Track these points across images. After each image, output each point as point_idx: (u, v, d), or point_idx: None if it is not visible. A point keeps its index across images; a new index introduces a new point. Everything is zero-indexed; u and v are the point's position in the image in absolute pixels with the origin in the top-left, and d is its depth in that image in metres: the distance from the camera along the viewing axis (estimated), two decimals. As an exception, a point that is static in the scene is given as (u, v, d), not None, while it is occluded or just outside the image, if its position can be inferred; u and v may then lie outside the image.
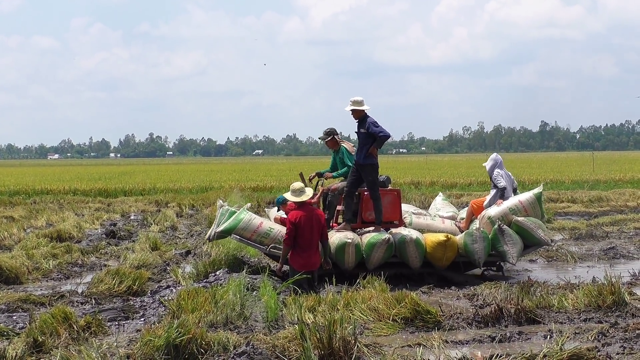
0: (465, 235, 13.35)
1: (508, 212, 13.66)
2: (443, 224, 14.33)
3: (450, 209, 15.54)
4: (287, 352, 7.91)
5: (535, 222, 13.63)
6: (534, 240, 13.61)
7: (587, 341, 8.56)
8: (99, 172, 69.71)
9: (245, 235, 13.26)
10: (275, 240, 13.11)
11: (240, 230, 13.25)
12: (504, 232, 13.27)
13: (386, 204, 13.60)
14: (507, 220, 13.55)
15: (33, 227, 21.93)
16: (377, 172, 13.54)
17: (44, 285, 13.41)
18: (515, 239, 13.35)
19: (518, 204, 13.79)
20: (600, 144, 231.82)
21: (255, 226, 13.26)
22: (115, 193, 37.57)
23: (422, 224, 14.12)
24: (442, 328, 9.29)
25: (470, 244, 13.13)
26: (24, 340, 8.42)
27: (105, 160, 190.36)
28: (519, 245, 13.37)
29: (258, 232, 13.20)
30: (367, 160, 13.30)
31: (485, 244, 13.14)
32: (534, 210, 13.83)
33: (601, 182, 39.16)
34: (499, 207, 13.76)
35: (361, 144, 13.43)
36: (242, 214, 13.42)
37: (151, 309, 10.82)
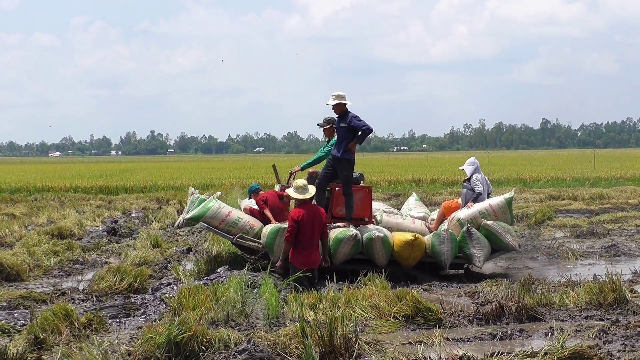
0: (433, 235, 13.32)
1: (478, 215, 13.61)
2: (413, 224, 14.25)
3: (422, 210, 15.51)
4: (288, 349, 7.91)
5: (504, 226, 13.57)
6: (502, 245, 13.54)
7: (589, 339, 8.57)
8: (100, 169, 69.69)
9: (213, 223, 13.31)
10: (242, 230, 13.18)
11: (208, 218, 13.31)
12: (472, 235, 13.21)
13: (357, 201, 13.55)
14: (476, 223, 13.49)
15: (34, 225, 21.93)
16: (352, 168, 13.53)
17: (45, 282, 13.42)
18: (483, 243, 13.29)
19: (488, 207, 13.75)
20: (601, 142, 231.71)
21: (224, 215, 13.32)
22: (116, 190, 37.55)
23: (392, 223, 14.04)
24: (443, 325, 9.29)
25: (438, 245, 13.09)
26: (25, 337, 8.43)
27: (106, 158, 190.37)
28: (486, 249, 13.30)
29: (226, 221, 13.27)
30: (345, 155, 13.27)
31: (453, 246, 13.10)
32: (503, 215, 13.80)
33: (602, 180, 39.16)
34: (469, 210, 13.72)
35: (340, 138, 13.39)
36: (211, 202, 13.47)
37: (152, 306, 10.82)
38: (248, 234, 13.26)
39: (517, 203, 27.29)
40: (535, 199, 29.15)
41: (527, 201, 28.45)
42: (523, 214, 23.36)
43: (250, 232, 13.29)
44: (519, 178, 41.07)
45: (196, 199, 13.85)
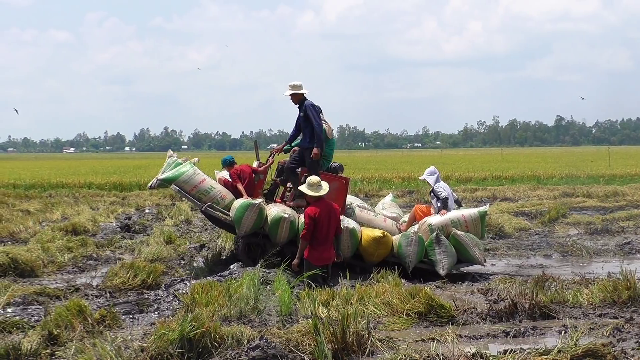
0: (401, 236, 13.28)
1: (449, 223, 13.53)
2: (384, 222, 14.17)
3: (395, 210, 15.40)
4: (301, 346, 7.91)
5: (473, 239, 13.48)
6: (468, 257, 13.43)
7: (602, 337, 8.53)
8: (114, 165, 69.93)
9: (185, 188, 13.38)
10: (213, 199, 13.28)
11: (181, 182, 13.37)
12: (440, 242, 13.14)
13: (332, 190, 13.50)
14: (446, 231, 13.41)
15: (48, 221, 22.00)
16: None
17: (59, 278, 13.46)
18: (450, 251, 13.20)
19: (461, 217, 13.67)
20: (616, 139, 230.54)
21: (197, 182, 13.41)
22: (130, 187, 37.61)
23: (363, 218, 13.96)
24: (456, 323, 9.28)
25: (405, 246, 13.05)
26: (39, 333, 8.45)
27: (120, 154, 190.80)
28: (451, 258, 13.19)
29: (199, 188, 13.38)
30: (311, 143, 13.32)
31: (419, 249, 13.05)
32: (474, 228, 13.71)
33: (617, 177, 38.97)
34: (442, 217, 13.63)
35: (303, 128, 13.50)
36: (186, 167, 13.52)
37: (165, 302, 10.84)
38: (218, 204, 13.30)
39: (530, 200, 27.31)
40: (549, 197, 29.05)
41: (541, 198, 28.37)
42: (537, 211, 23.32)
43: (220, 203, 13.34)
44: (532, 175, 40.95)
45: (173, 162, 13.80)
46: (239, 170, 13.86)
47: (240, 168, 13.96)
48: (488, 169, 46.01)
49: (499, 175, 40.77)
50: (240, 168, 13.96)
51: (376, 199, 25.66)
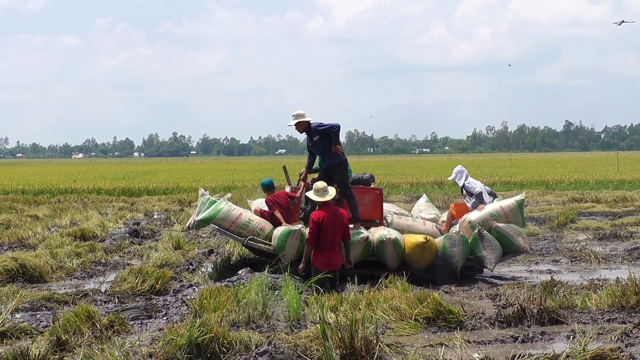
0: (444, 238, 13.27)
1: (489, 217, 13.55)
2: (424, 226, 14.20)
3: (432, 211, 15.42)
4: (309, 351, 7.92)
5: (515, 229, 13.50)
6: (513, 247, 13.46)
7: (611, 342, 8.52)
8: (122, 171, 70.05)
9: (223, 225, 13.29)
10: (253, 232, 13.18)
11: (219, 220, 13.28)
12: (483, 237, 13.15)
13: (367, 203, 13.53)
14: (487, 225, 13.43)
15: (57, 226, 22.05)
16: (345, 169, 13.48)
17: (67, 284, 13.50)
18: (495, 245, 13.22)
19: (499, 209, 13.69)
20: (625, 144, 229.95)
21: (235, 217, 13.30)
22: (138, 192, 37.71)
23: (402, 225, 13.99)
24: (464, 328, 9.28)
25: (449, 247, 13.04)
26: (47, 338, 8.47)
27: (129, 160, 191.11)
28: (497, 252, 13.23)
29: (237, 223, 13.24)
30: (335, 160, 13.28)
31: (464, 248, 13.03)
32: (514, 217, 13.73)
33: (626, 182, 38.87)
34: (480, 212, 13.66)
35: (321, 151, 13.42)
36: (222, 204, 13.45)
37: (174, 307, 10.86)
38: (259, 236, 13.24)
39: (539, 205, 27.23)
40: (557, 202, 28.98)
41: (550, 204, 28.31)
42: (546, 216, 23.28)
43: (261, 234, 13.27)
44: (541, 180, 40.88)
45: (206, 200, 13.79)
46: (276, 196, 13.74)
47: (277, 194, 13.84)
48: (497, 174, 45.93)
49: (508, 181, 40.71)
50: (276, 194, 13.84)
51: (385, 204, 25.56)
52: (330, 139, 13.27)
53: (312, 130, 13.37)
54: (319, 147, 13.40)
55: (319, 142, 13.37)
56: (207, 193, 14.18)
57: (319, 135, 13.33)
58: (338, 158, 13.28)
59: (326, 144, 13.30)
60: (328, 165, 13.34)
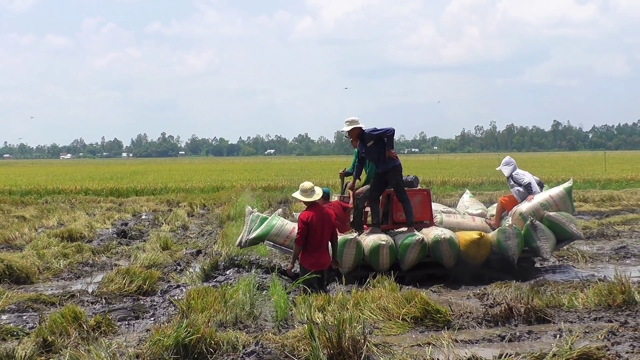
0: (498, 232, 13.33)
1: (539, 207, 13.65)
2: (474, 222, 14.29)
3: (478, 206, 15.47)
4: (296, 351, 7.90)
5: (566, 216, 13.60)
6: (567, 235, 13.57)
7: (597, 340, 8.53)
8: (110, 171, 69.89)
9: (278, 241, 13.31)
10: None
11: (273, 236, 13.30)
12: (536, 228, 13.25)
13: (416, 204, 13.58)
14: (538, 215, 13.54)
15: (44, 227, 21.99)
16: (400, 173, 13.50)
17: (54, 285, 13.45)
18: (548, 234, 13.31)
19: (549, 198, 13.78)
20: (612, 144, 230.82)
21: (288, 231, 13.28)
22: (126, 192, 37.65)
23: (452, 223, 14.08)
24: (451, 327, 9.27)
25: (504, 241, 13.10)
26: (33, 340, 8.43)
27: (118, 160, 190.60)
28: (552, 240, 13.33)
29: (291, 237, 13.13)
30: (389, 164, 13.29)
31: (519, 240, 13.10)
32: (564, 205, 13.83)
33: (613, 182, 39.01)
34: (530, 203, 13.77)
35: (374, 156, 13.38)
36: (274, 220, 13.43)
37: (161, 308, 10.85)
38: None
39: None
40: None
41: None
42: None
43: None
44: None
45: (256, 217, 13.72)
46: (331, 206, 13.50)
47: (332, 204, 13.63)
48: (485, 174, 45.95)
49: (496, 180, 40.71)
50: (331, 204, 13.63)
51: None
52: (384, 144, 13.28)
53: (366, 135, 13.38)
54: (372, 152, 13.39)
55: (373, 148, 13.36)
56: (255, 210, 14.13)
57: (373, 141, 13.32)
58: (392, 162, 13.32)
59: (380, 149, 13.31)
60: (383, 170, 13.35)
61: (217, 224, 22.68)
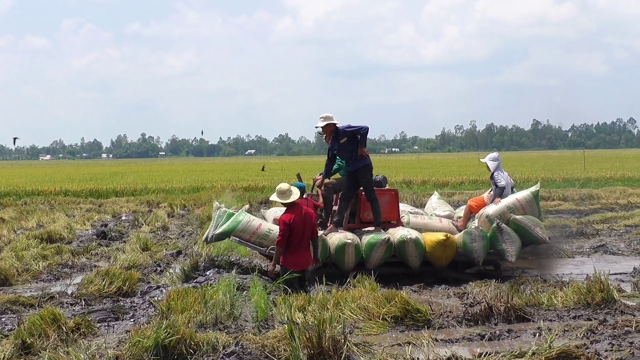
0: (464, 234, 13.36)
1: (506, 210, 13.65)
2: (440, 223, 14.29)
3: (446, 208, 15.50)
4: (277, 351, 7.89)
5: (533, 220, 13.62)
6: (532, 238, 13.58)
7: (576, 338, 8.57)
8: (90, 172, 69.53)
9: (244, 237, 13.29)
10: (274, 241, 13.11)
11: (239, 232, 13.28)
12: (502, 231, 13.26)
13: (384, 204, 13.59)
14: (505, 218, 13.54)
15: (23, 229, 21.86)
16: (371, 172, 13.51)
17: (33, 286, 13.36)
18: (514, 237, 13.33)
19: (516, 202, 13.78)
20: (592, 142, 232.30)
21: (255, 227, 13.28)
22: (106, 194, 37.47)
23: (419, 223, 14.07)
24: (431, 326, 9.30)
25: (469, 243, 13.14)
26: (12, 342, 8.36)
27: (97, 161, 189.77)
28: (517, 244, 13.34)
29: (257, 233, 13.22)
30: (361, 162, 13.30)
31: (484, 243, 13.14)
32: (531, 208, 13.83)
33: (592, 180, 39.23)
34: (497, 206, 13.76)
35: (347, 154, 13.39)
36: (241, 216, 13.41)
37: (141, 309, 10.81)
38: None
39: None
40: (525, 200, 29.10)
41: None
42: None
43: None
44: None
45: (223, 213, 13.70)
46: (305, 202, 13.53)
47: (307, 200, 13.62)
48: (465, 173, 46.13)
49: (476, 180, 40.87)
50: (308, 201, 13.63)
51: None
52: (357, 141, 13.28)
53: (340, 132, 13.38)
54: (345, 149, 13.40)
55: (346, 145, 13.36)
56: (222, 206, 14.13)
57: (346, 137, 13.32)
58: (364, 161, 13.33)
59: (353, 146, 13.32)
60: (354, 168, 13.37)
61: (197, 225, 22.60)
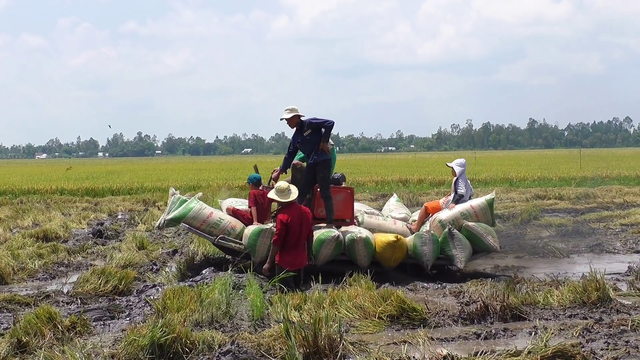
0: (415, 237, 13.30)
1: (459, 216, 13.61)
2: (394, 225, 14.23)
3: (403, 211, 15.50)
4: (272, 350, 7.90)
5: (485, 228, 13.56)
6: (483, 246, 13.52)
7: (572, 337, 8.58)
8: (86, 171, 69.44)
9: (194, 224, 13.32)
10: (224, 231, 13.22)
11: (189, 219, 13.32)
12: (453, 236, 13.20)
13: (339, 202, 13.53)
14: (457, 224, 13.48)
15: (19, 227, 21.83)
16: (329, 168, 13.47)
17: (29, 285, 13.34)
18: (465, 244, 13.27)
19: (469, 208, 13.74)
20: (588, 141, 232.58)
21: (205, 216, 13.34)
22: (102, 192, 37.38)
23: (373, 224, 14.01)
24: (427, 325, 9.29)
25: (420, 246, 13.08)
26: (7, 340, 8.36)
27: (94, 160, 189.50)
28: (467, 250, 13.27)
29: (208, 222, 13.30)
30: (321, 157, 13.27)
31: (434, 247, 13.07)
32: (484, 216, 13.79)
33: (588, 179, 39.21)
34: (451, 211, 13.72)
35: (309, 147, 13.36)
36: (192, 203, 13.47)
37: (137, 308, 10.79)
38: (230, 235, 13.25)
39: (503, 203, 27.37)
40: (521, 199, 29.18)
41: (514, 201, 28.49)
42: (509, 213, 23.42)
43: (232, 233, 13.28)
44: (505, 178, 41.11)
45: (177, 200, 13.78)
46: (261, 194, 13.64)
47: (263, 192, 13.70)
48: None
49: (472, 178, 40.75)
50: (263, 192, 13.71)
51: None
52: (321, 135, 13.26)
53: (305, 124, 13.34)
54: (308, 142, 13.35)
55: (309, 138, 13.32)
56: (177, 192, 14.17)
57: (311, 130, 13.29)
58: (324, 155, 13.29)
59: (316, 140, 13.28)
60: (314, 162, 13.31)
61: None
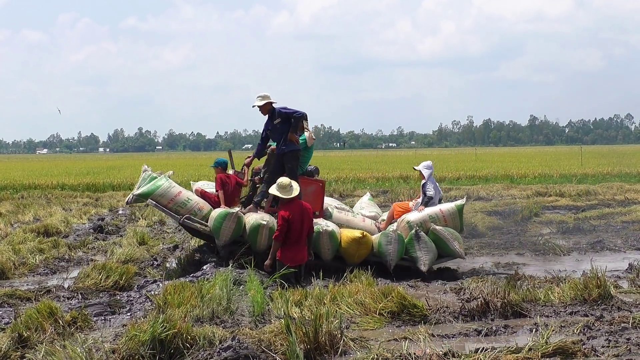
0: (381, 235, 13.26)
1: (428, 219, 13.55)
2: (363, 222, 14.17)
3: (373, 209, 15.43)
4: (273, 346, 7.90)
5: (452, 233, 13.49)
6: (449, 251, 13.44)
7: (573, 334, 8.58)
8: (87, 166, 69.40)
9: (161, 202, 13.33)
10: (191, 211, 13.23)
11: (157, 196, 13.33)
12: (419, 239, 13.13)
13: (309, 194, 13.45)
14: (425, 227, 13.43)
15: (20, 222, 21.85)
16: (297, 159, 13.41)
17: (30, 280, 13.36)
18: (430, 247, 13.19)
19: (439, 212, 13.68)
20: (589, 138, 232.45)
21: (173, 194, 13.37)
22: (103, 187, 37.39)
23: (342, 219, 13.95)
24: (428, 322, 9.30)
25: (385, 245, 13.03)
26: (9, 335, 8.36)
27: (94, 155, 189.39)
28: (432, 254, 13.19)
29: (175, 200, 13.32)
30: (289, 147, 13.19)
31: (399, 247, 13.02)
32: (453, 222, 13.72)
33: (589, 176, 39.23)
34: (419, 213, 13.67)
35: (278, 136, 13.29)
36: (161, 180, 13.48)
37: (138, 303, 10.78)
38: (196, 215, 13.26)
39: (504, 199, 27.38)
40: (522, 196, 29.17)
41: (515, 197, 28.48)
42: (510, 210, 23.39)
43: (198, 214, 13.29)
44: (506, 174, 41.12)
45: (148, 176, 13.75)
46: (228, 177, 13.69)
47: (229, 176, 13.77)
48: (462, 169, 46.11)
49: (473, 175, 40.91)
50: (229, 176, 13.76)
51: (350, 199, 25.70)
52: (290, 125, 13.22)
53: (275, 112, 13.30)
54: (277, 131, 13.28)
55: (279, 126, 13.25)
56: (149, 169, 14.11)
57: (280, 119, 13.23)
58: (292, 146, 13.19)
59: (285, 129, 13.21)
60: (281, 152, 13.24)
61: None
